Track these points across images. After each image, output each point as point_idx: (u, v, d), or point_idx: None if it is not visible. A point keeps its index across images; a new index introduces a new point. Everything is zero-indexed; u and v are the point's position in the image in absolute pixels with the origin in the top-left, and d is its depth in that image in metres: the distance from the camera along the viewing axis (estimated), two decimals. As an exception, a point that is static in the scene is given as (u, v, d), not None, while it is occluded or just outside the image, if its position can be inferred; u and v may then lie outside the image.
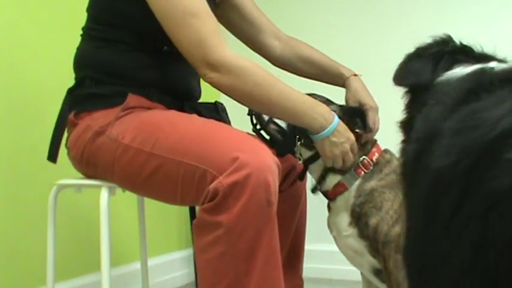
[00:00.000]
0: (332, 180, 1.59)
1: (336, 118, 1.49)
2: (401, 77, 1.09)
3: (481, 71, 0.91)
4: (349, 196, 1.56)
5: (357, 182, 1.55)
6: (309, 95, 1.64)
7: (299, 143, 1.58)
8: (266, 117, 1.60)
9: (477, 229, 0.65)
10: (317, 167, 1.61)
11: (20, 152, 1.79)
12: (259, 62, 1.56)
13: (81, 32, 1.57)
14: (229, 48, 1.39)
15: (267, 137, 1.64)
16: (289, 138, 1.58)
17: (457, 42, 1.06)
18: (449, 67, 0.99)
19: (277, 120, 1.59)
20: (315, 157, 1.60)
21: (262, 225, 1.26)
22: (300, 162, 1.62)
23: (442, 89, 0.93)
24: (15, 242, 1.75)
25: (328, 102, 1.63)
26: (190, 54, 1.40)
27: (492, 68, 0.91)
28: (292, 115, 1.46)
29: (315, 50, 1.81)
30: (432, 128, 0.81)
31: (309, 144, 1.59)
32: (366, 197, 1.51)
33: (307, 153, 1.61)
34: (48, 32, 1.91)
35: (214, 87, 1.41)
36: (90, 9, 1.56)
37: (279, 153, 1.59)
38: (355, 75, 1.72)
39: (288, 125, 1.59)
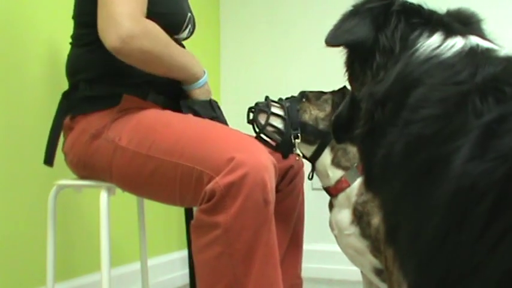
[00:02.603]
0: (334, 175, 1.60)
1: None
2: (334, 35, 0.94)
3: (488, 52, 0.83)
4: (351, 193, 1.56)
5: (359, 179, 1.55)
6: (301, 93, 1.68)
7: (297, 140, 1.60)
8: (263, 121, 1.60)
9: None
10: (322, 164, 1.63)
11: (20, 152, 1.79)
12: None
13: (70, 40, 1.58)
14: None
15: (269, 142, 1.65)
16: (287, 137, 1.60)
17: None
18: (411, 32, 0.89)
19: (273, 122, 1.61)
20: (319, 152, 1.62)
21: (259, 225, 1.26)
22: (298, 159, 1.64)
23: (442, 66, 0.82)
24: (15, 242, 1.75)
25: (321, 93, 1.69)
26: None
27: (495, 50, 0.83)
28: (184, 71, 1.50)
29: None
30: (450, 115, 0.73)
31: (309, 139, 1.62)
32: (369, 196, 1.51)
33: (309, 149, 1.65)
34: (46, 34, 1.91)
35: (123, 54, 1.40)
36: (77, 17, 1.56)
37: (283, 155, 1.62)
38: None
39: (285, 125, 1.60)
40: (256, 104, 1.65)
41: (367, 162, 0.92)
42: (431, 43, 0.86)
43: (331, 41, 0.95)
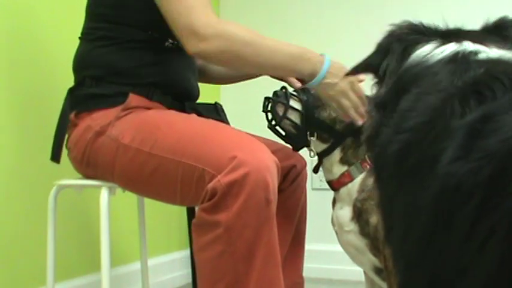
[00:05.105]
0: (339, 170, 1.60)
1: (327, 60, 1.45)
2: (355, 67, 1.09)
3: (472, 56, 0.85)
4: (352, 188, 1.56)
5: (362, 176, 1.56)
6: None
7: (312, 137, 1.61)
8: (280, 113, 1.61)
9: (501, 242, 0.60)
10: (329, 161, 1.63)
11: (20, 152, 1.78)
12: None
13: (79, 35, 1.58)
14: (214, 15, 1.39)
15: (283, 133, 1.67)
16: (302, 132, 1.62)
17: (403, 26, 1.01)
18: (412, 49, 0.93)
19: (290, 116, 1.61)
20: (329, 150, 1.63)
21: (261, 224, 1.26)
22: (312, 156, 1.65)
23: (426, 73, 0.85)
24: (15, 242, 1.75)
25: None
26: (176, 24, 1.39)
27: (478, 53, 0.85)
28: (281, 69, 1.49)
29: None
30: (434, 120, 0.75)
31: (323, 137, 1.62)
32: (369, 193, 1.51)
33: (321, 146, 1.65)
34: (51, 30, 1.91)
35: (203, 56, 1.42)
36: (90, 8, 1.55)
37: (294, 148, 1.65)
38: None
39: (302, 120, 1.61)
40: (275, 93, 1.64)
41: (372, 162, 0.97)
42: (423, 51, 0.90)
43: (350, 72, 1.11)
